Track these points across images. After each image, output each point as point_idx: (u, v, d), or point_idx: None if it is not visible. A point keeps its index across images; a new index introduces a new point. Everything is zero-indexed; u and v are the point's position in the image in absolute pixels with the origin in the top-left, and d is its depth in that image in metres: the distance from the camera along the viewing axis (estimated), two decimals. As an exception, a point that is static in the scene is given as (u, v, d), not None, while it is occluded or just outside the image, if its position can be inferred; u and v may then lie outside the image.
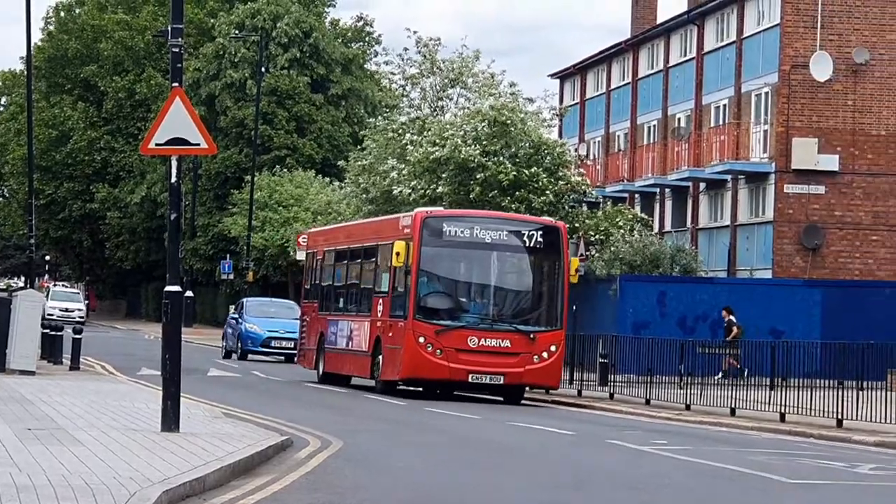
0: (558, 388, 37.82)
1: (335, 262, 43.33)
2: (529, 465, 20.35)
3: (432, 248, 35.68)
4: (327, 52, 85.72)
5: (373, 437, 24.03)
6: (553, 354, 35.47)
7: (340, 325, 41.01)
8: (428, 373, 35.29)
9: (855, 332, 33.25)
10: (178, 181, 21.40)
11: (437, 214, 37.19)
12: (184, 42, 21.95)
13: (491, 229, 36.05)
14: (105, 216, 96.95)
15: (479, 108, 56.41)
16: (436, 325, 35.08)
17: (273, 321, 53.44)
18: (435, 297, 36.12)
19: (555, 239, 36.30)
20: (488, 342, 34.98)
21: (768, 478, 19.22)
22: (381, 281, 37.90)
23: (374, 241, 39.50)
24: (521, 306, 36.71)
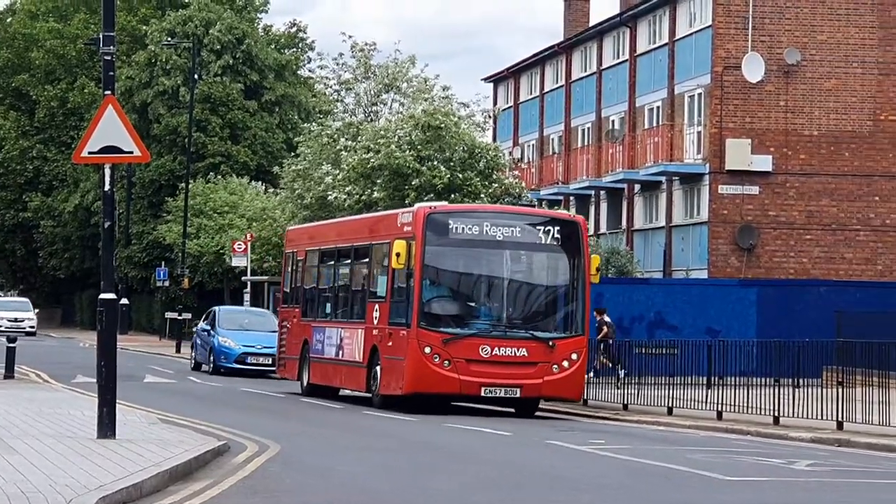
0: (580, 400, 34.24)
1: (320, 262, 39.31)
2: (469, 467, 20.30)
3: (437, 248, 31.64)
4: (260, 58, 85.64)
5: (311, 442, 24.03)
6: (574, 363, 31.56)
7: (328, 333, 36.79)
8: (435, 387, 31.18)
9: (790, 330, 33.44)
10: (111, 189, 21.30)
11: (442, 210, 33.13)
12: (116, 50, 21.81)
13: (502, 225, 31.88)
14: (38, 225, 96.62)
15: (412, 112, 56.45)
16: (443, 334, 31.11)
17: (248, 334, 48.28)
18: (441, 303, 32.14)
19: (573, 234, 32.39)
20: (502, 351, 31.05)
21: (706, 475, 19.28)
22: (378, 284, 34.20)
23: (367, 239, 35.58)
24: (537, 310, 32.55)
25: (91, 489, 14.75)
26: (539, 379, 30.99)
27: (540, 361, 31.02)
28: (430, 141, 54.36)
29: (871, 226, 56.07)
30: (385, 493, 16.71)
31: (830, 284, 50.43)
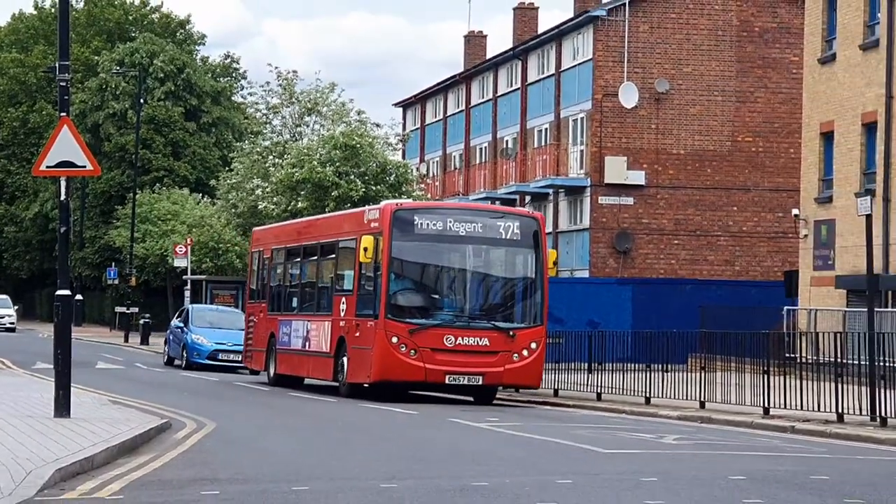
0: (539, 387, 31.58)
1: (287, 260, 36.79)
2: (380, 443, 20.30)
3: (403, 243, 29.52)
4: (199, 85, 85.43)
5: (243, 420, 23.93)
6: (533, 352, 29.43)
7: (295, 326, 34.50)
8: (402, 375, 29.08)
9: (660, 322, 33.69)
10: (66, 199, 21.19)
11: (408, 207, 31.46)
12: (70, 77, 21.70)
13: (465, 222, 29.91)
14: (2, 231, 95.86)
15: (332, 133, 56.45)
16: (409, 325, 29.01)
17: (219, 332, 44.49)
18: (407, 295, 30.04)
19: (532, 230, 30.24)
20: (466, 341, 29.01)
21: (589, 448, 19.31)
22: (344, 279, 32.09)
23: (332, 237, 33.28)
24: (498, 302, 30.57)
25: (48, 462, 14.66)
26: (500, 367, 29.10)
27: (501, 350, 29.16)
28: (346, 158, 54.43)
29: (729, 232, 56.50)
30: (304, 465, 16.68)
31: (695, 283, 50.88)
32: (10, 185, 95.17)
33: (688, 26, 59.10)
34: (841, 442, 22.27)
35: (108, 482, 14.24)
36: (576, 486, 14.39)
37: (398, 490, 13.64)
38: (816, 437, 23.04)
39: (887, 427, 23.25)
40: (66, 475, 14.31)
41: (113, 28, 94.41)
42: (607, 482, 15.11)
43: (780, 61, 57.67)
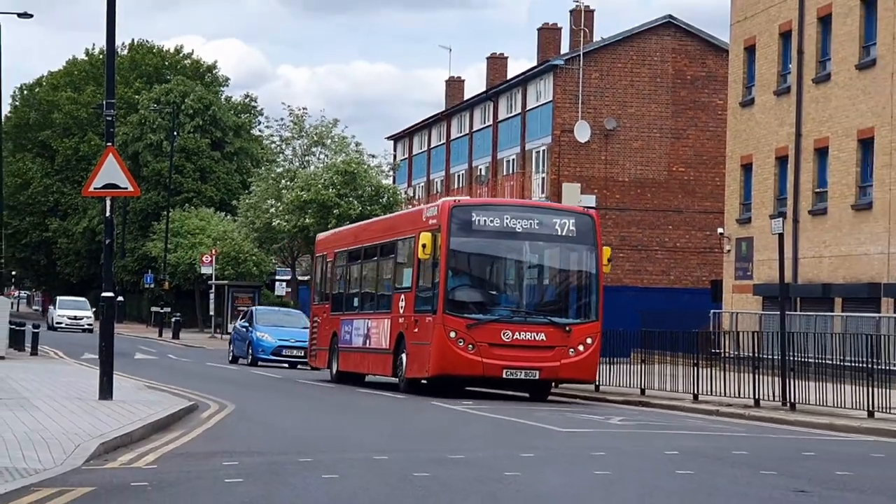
0: (594, 381, 27.91)
1: (348, 262, 32.22)
2: (374, 421, 20.28)
3: (461, 239, 25.66)
4: (223, 120, 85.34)
5: (259, 402, 23.87)
6: (589, 347, 25.66)
7: (356, 325, 30.39)
8: (459, 369, 25.24)
9: (608, 323, 33.64)
10: (111, 215, 21.25)
11: (466, 203, 27.17)
12: (115, 113, 21.77)
13: (522, 218, 26.11)
14: (57, 242, 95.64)
15: (334, 162, 56.55)
16: (467, 320, 25.22)
17: (282, 330, 40.81)
18: (465, 290, 26.02)
19: (587, 228, 26.28)
20: (523, 336, 25.23)
21: (547, 427, 19.33)
22: (403, 276, 27.89)
23: (391, 236, 29.28)
24: (554, 298, 26.85)
25: (94, 437, 14.64)
26: (556, 362, 25.26)
27: (557, 345, 25.32)
28: (346, 183, 54.56)
29: (665, 247, 56.71)
30: (311, 441, 16.66)
31: (637, 290, 51.03)
32: (63, 204, 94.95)
33: (631, 74, 59.26)
34: (757, 423, 22.33)
35: (144, 454, 14.20)
36: (537, 459, 14.40)
37: (387, 461, 13.63)
38: (737, 419, 23.09)
39: (796, 411, 23.38)
40: (109, 448, 14.28)
41: (151, 72, 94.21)
42: (564, 455, 15.14)
43: (708, 104, 57.92)
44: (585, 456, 14.84)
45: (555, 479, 12.69)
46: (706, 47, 59.25)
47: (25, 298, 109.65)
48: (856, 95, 37.28)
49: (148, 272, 77.00)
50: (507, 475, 12.65)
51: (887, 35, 36.14)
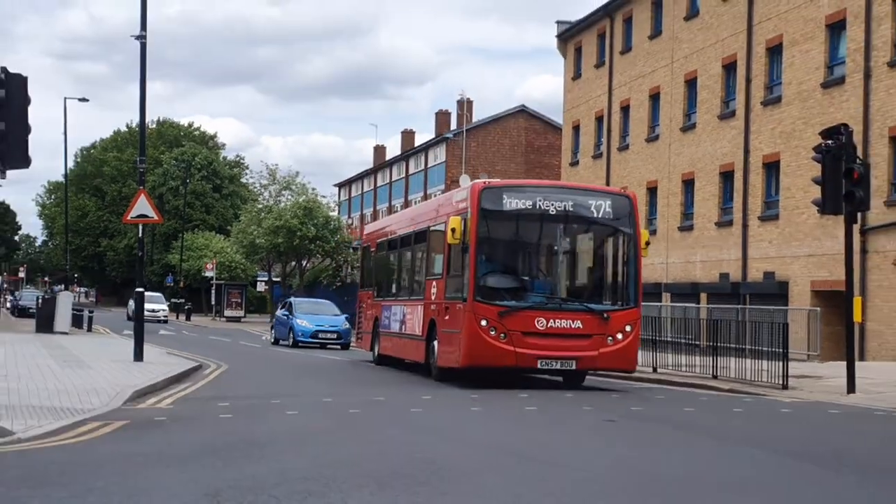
0: (634, 371, 18.35)
1: (388, 250, 23.99)
2: (326, 375, 20.02)
3: (492, 222, 17.42)
4: (220, 172, 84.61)
5: (243, 363, 23.53)
6: (628, 335, 17.38)
7: (394, 310, 22.24)
8: (492, 359, 17.05)
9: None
10: (142, 236, 20.91)
11: (496, 185, 18.04)
12: (145, 166, 21.49)
13: (556, 200, 17.62)
14: (106, 254, 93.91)
15: (297, 200, 56.14)
16: (499, 307, 17.07)
17: (318, 317, 34.53)
18: (497, 276, 17.58)
19: (625, 209, 17.80)
20: (558, 323, 17.10)
21: (440, 383, 19.03)
22: (435, 263, 19.51)
23: (425, 223, 20.70)
24: (591, 283, 18.21)
25: (129, 386, 14.39)
26: (594, 351, 17.18)
27: (595, 334, 17.14)
28: (306, 214, 54.14)
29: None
30: (275, 384, 16.49)
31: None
32: (110, 229, 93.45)
33: (498, 144, 59.66)
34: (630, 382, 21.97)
35: (165, 398, 13.98)
36: (433, 401, 14.30)
37: (332, 402, 13.52)
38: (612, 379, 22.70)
39: (657, 372, 22.38)
40: (140, 394, 14.06)
41: (172, 139, 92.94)
42: (451, 399, 14.97)
43: (549, 164, 58.42)
44: (468, 399, 14.80)
45: (446, 413, 12.69)
46: (548, 126, 59.86)
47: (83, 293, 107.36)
48: (646, 160, 38.02)
49: (169, 275, 75.81)
50: (412, 411, 12.62)
51: (666, 118, 36.82)
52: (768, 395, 15.78)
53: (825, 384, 17.75)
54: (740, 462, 8.72)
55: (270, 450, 8.79)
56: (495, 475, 7.68)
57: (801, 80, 29.48)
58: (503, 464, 8.34)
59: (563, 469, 8.08)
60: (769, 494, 7.20)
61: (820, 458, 8.94)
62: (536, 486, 7.20)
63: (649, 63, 38.02)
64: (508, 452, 9.01)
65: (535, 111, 61.29)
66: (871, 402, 14.77)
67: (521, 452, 9.00)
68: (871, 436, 11.13)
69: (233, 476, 7.36)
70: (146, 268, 70.50)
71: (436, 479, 7.34)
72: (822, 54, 28.71)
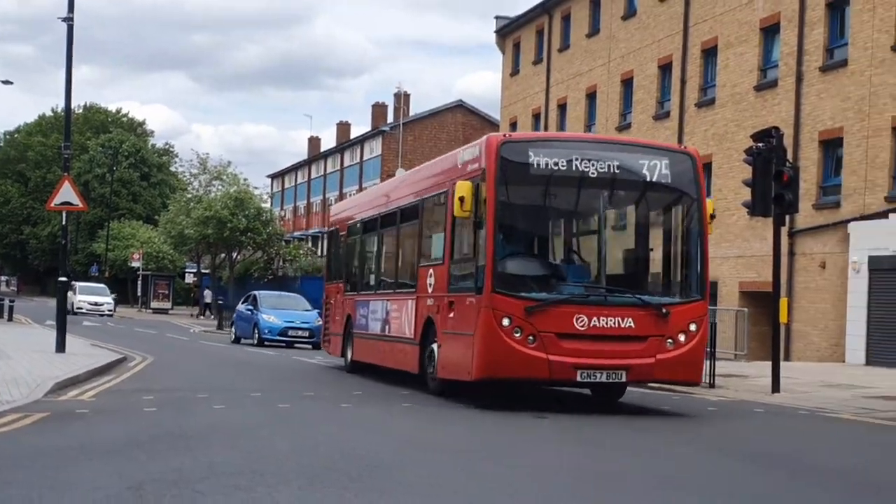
0: (700, 383, 13.42)
1: (363, 234, 18.50)
2: (259, 370, 19.86)
3: (515, 188, 12.34)
4: (148, 159, 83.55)
5: (172, 356, 23.27)
6: (693, 336, 12.38)
7: (373, 307, 17.16)
8: (517, 370, 11.99)
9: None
10: (66, 224, 20.59)
11: (519, 138, 12.85)
12: (71, 153, 21.13)
13: (597, 159, 12.40)
14: (29, 242, 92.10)
15: (228, 191, 55.60)
16: (526, 301, 11.96)
17: (287, 312, 30.58)
18: (522, 260, 12.65)
19: (687, 171, 12.74)
20: (604, 322, 12.06)
21: (366, 377, 19.10)
22: (432, 245, 14.47)
23: (415, 196, 15.39)
24: (645, 268, 13.36)
25: (50, 378, 14.18)
26: (650, 357, 12.28)
27: (650, 335, 12.30)
28: (237, 205, 53.65)
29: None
30: (202, 376, 16.36)
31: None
32: (33, 216, 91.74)
33: (435, 138, 59.78)
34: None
35: (87, 391, 13.77)
36: (363, 396, 14.31)
37: (261, 396, 13.47)
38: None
39: None
40: (61, 386, 13.85)
41: (98, 125, 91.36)
42: (381, 394, 14.99)
43: (486, 160, 58.74)
44: (397, 395, 14.79)
45: (373, 409, 12.72)
46: (485, 122, 60.13)
47: (4, 281, 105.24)
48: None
49: (94, 265, 74.56)
50: (342, 406, 12.63)
51: (602, 117, 37.24)
52: (695, 393, 16.07)
53: (751, 383, 18.16)
54: (664, 459, 8.91)
55: (197, 443, 8.75)
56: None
57: (735, 82, 30.06)
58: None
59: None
60: (690, 491, 7.37)
61: (742, 455, 9.16)
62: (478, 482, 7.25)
63: (586, 61, 38.42)
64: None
65: (472, 106, 61.51)
66: (795, 401, 15.14)
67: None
68: (793, 434, 11.43)
69: (157, 469, 7.32)
70: (70, 257, 69.29)
71: (367, 475, 7.37)
72: (755, 57, 29.32)
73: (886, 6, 24.61)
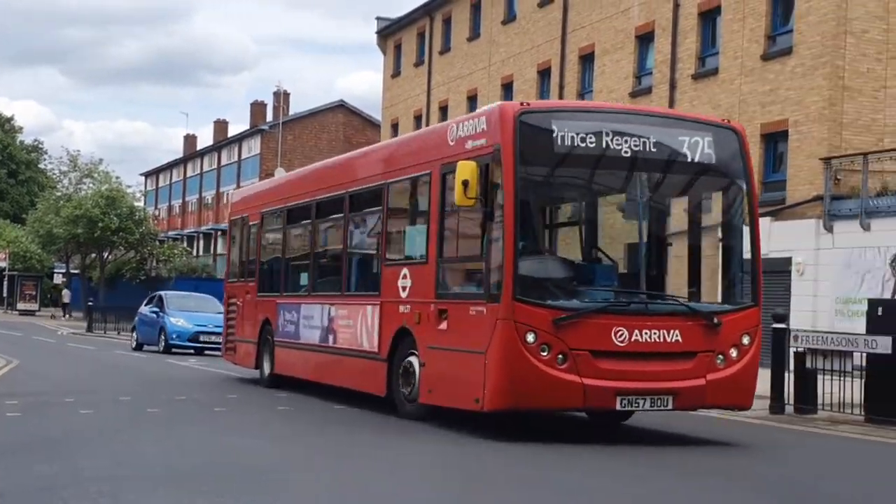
0: (750, 406, 10.05)
1: (289, 224, 15.35)
2: (128, 374, 19.31)
3: (539, 170, 9.38)
4: (16, 156, 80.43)
5: (38, 359, 22.48)
6: (746, 351, 9.59)
7: (306, 311, 14.09)
8: (544, 398, 9.11)
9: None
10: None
11: (540, 108, 9.65)
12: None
13: (631, 133, 9.42)
14: None
15: (99, 189, 54.21)
16: (556, 310, 9.02)
17: (198, 315, 26.80)
18: (548, 261, 9.97)
19: (734, 151, 9.82)
20: (646, 336, 9.18)
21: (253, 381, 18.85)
22: (406, 239, 11.34)
23: (375, 180, 12.15)
24: (688, 268, 10.08)
25: None
26: (700, 378, 9.47)
27: (699, 350, 9.49)
28: (108, 204, 52.35)
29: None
30: (69, 380, 15.89)
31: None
32: None
33: (315, 138, 59.44)
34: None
35: (-55, 396, 13.21)
36: (240, 399, 14.15)
37: (129, 400, 13.18)
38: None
39: None
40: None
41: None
42: (260, 399, 14.84)
43: (367, 161, 58.65)
44: (273, 398, 14.60)
45: (255, 413, 12.59)
46: (367, 123, 60.12)
47: None
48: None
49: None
50: (216, 410, 12.46)
51: (483, 121, 37.61)
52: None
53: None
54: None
55: (62, 449, 8.51)
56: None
57: (612, 88, 30.82)
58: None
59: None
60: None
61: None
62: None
63: (467, 65, 38.80)
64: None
65: (354, 107, 61.42)
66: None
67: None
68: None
69: (20, 477, 7.10)
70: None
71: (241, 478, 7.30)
72: (631, 64, 30.12)
73: (756, 16, 25.62)
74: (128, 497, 6.48)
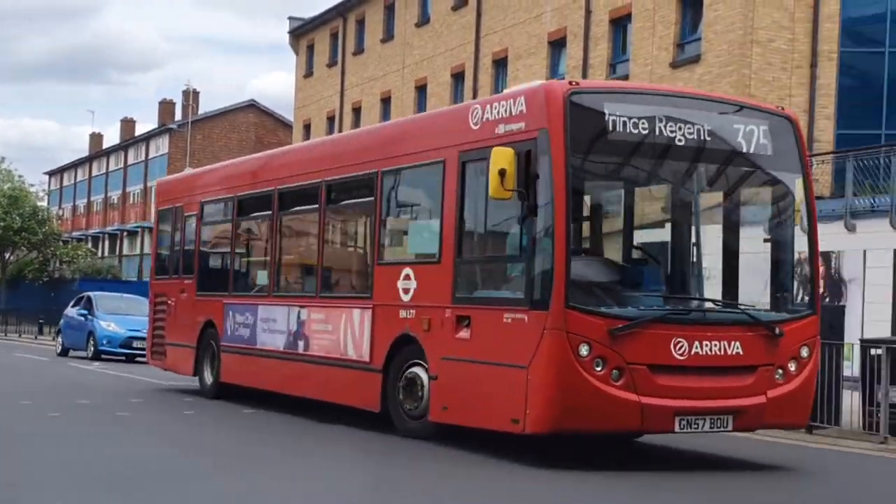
0: (806, 425, 10.37)
1: (241, 215, 13.38)
2: (25, 376, 18.81)
3: (593, 159, 8.03)
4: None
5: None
6: (804, 364, 8.52)
7: (264, 313, 12.24)
8: (598, 419, 7.84)
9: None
10: None
11: (591, 88, 8.32)
12: None
13: (685, 120, 8.13)
14: None
15: (1, 188, 52.72)
16: (612, 320, 7.73)
17: (130, 319, 24.47)
18: (602, 263, 8.71)
19: (790, 142, 8.66)
20: (707, 348, 7.98)
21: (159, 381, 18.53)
22: (410, 235, 10.10)
23: (364, 167, 10.39)
24: (745, 273, 8.67)
25: None
26: (761, 395, 8.33)
27: (760, 364, 8.33)
28: (10, 204, 50.97)
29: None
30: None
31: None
32: None
33: (226, 138, 58.71)
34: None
35: None
36: (144, 403, 13.89)
37: (32, 405, 12.81)
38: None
39: None
40: None
41: None
42: (163, 402, 14.59)
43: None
44: (179, 402, 14.35)
45: (153, 416, 12.36)
46: (279, 123, 59.62)
47: None
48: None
49: None
50: (118, 414, 12.21)
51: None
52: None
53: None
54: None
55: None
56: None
57: (524, 93, 31.10)
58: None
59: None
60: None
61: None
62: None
63: (381, 66, 38.76)
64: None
65: (265, 107, 60.86)
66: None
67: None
68: None
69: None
70: None
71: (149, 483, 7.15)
72: (544, 69, 30.46)
73: (665, 24, 26.14)
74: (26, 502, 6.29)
